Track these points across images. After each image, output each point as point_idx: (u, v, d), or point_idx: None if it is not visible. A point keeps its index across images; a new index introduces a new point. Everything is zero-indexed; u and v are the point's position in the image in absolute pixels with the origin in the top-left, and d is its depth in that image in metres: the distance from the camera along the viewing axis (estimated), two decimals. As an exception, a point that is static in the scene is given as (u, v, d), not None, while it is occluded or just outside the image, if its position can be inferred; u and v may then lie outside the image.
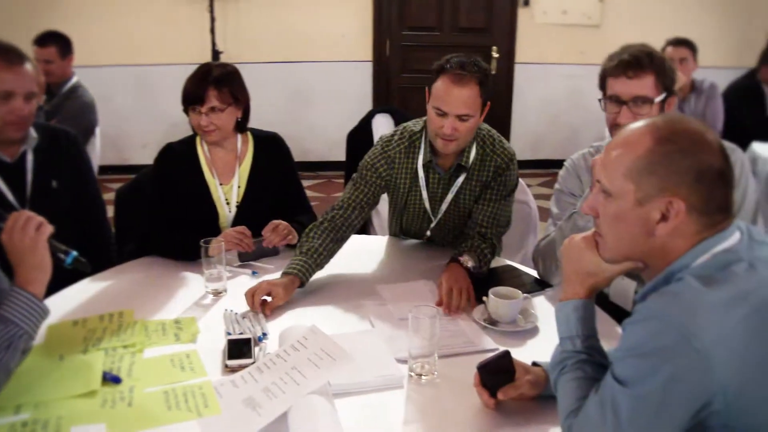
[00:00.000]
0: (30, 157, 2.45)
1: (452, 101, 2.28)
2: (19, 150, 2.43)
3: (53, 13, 6.41)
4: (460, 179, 2.48)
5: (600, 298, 2.35)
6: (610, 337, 1.70)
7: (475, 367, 1.60)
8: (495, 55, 7.08)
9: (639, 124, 1.35)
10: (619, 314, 2.00)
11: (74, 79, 4.51)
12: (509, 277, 2.35)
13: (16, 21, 6.18)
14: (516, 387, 1.56)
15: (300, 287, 2.22)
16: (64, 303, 2.12)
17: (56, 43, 4.42)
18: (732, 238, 1.29)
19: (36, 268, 1.63)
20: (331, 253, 2.37)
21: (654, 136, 1.30)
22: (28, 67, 2.31)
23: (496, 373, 1.56)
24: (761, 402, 1.18)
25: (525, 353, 1.75)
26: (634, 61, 2.13)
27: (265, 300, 2.10)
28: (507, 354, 1.58)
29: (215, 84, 2.48)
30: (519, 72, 7.22)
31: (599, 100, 2.21)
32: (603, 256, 1.44)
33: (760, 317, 1.18)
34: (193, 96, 2.49)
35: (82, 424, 1.54)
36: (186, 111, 2.52)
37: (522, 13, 7.02)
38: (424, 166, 2.49)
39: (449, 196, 2.52)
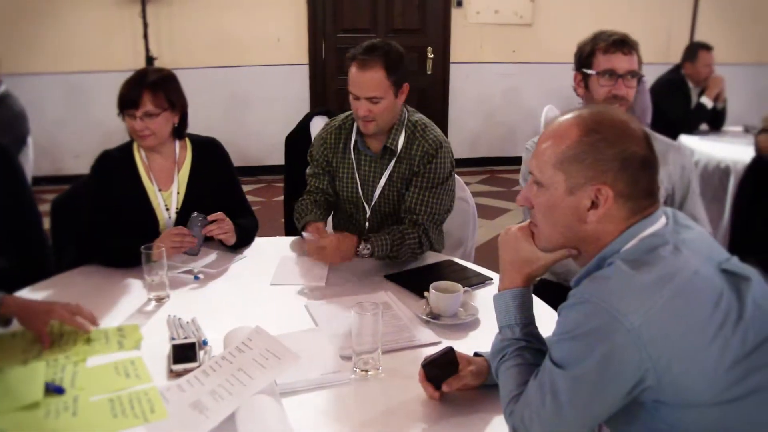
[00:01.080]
0: (-41, 169, 2.40)
1: (360, 85, 2.44)
2: (-51, 162, 2.37)
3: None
4: (391, 164, 2.57)
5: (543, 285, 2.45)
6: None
7: (419, 360, 1.63)
8: (430, 55, 7.17)
9: (567, 116, 1.41)
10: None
11: (2, 88, 4.40)
12: (450, 271, 2.39)
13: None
14: (459, 378, 1.60)
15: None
16: (2, 315, 2.08)
17: None
18: (658, 223, 1.36)
19: None
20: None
21: (580, 127, 1.36)
22: None
23: (440, 367, 1.60)
24: (686, 376, 1.24)
25: (467, 345, 1.80)
26: (627, 40, 2.35)
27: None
28: (450, 350, 1.62)
29: (150, 88, 2.47)
30: (454, 71, 7.32)
31: (582, 77, 2.43)
32: (538, 245, 1.50)
33: (684, 296, 1.25)
34: (127, 100, 2.47)
35: (26, 436, 1.52)
36: (122, 115, 2.51)
37: (455, 14, 7.13)
38: (353, 147, 2.60)
39: (382, 181, 2.59)
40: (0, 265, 1.67)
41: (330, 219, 2.82)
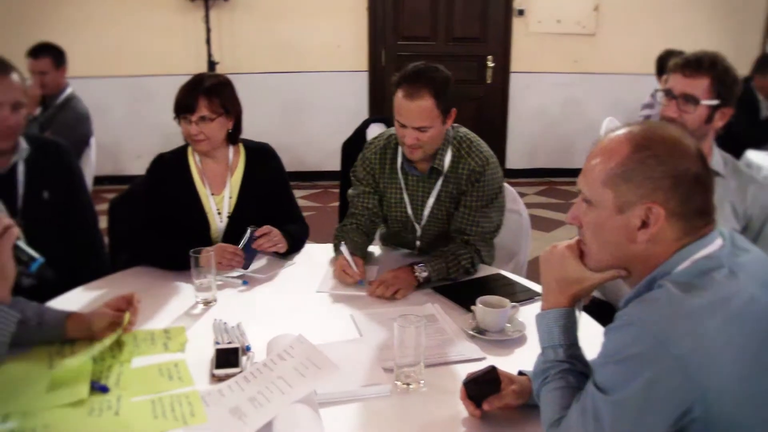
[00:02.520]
0: (21, 168, 2.46)
1: (407, 114, 2.34)
2: (10, 161, 2.43)
3: (48, 25, 6.45)
4: (439, 183, 2.52)
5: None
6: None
7: (462, 376, 1.61)
8: (490, 64, 7.12)
9: (618, 132, 1.36)
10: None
11: (68, 90, 4.53)
12: (498, 286, 2.35)
13: (11, 32, 6.20)
14: (501, 397, 1.56)
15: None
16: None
17: (50, 54, 4.44)
18: (713, 245, 1.31)
19: None
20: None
21: (630, 143, 1.31)
22: (14, 77, 2.31)
23: (482, 385, 1.57)
24: (737, 408, 1.18)
25: (512, 362, 1.77)
26: (694, 61, 2.21)
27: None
28: (493, 369, 1.58)
29: (206, 93, 2.49)
30: (514, 81, 7.25)
31: (655, 92, 2.31)
32: (588, 264, 1.45)
33: (739, 324, 1.19)
34: (183, 105, 2.50)
35: (69, 433, 1.54)
36: (177, 120, 2.54)
37: (516, 23, 7.06)
38: (401, 168, 2.54)
39: (430, 201, 2.54)
40: (50, 277, 1.68)
41: (384, 226, 2.79)
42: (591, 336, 1.56)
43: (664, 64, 5.09)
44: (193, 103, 2.48)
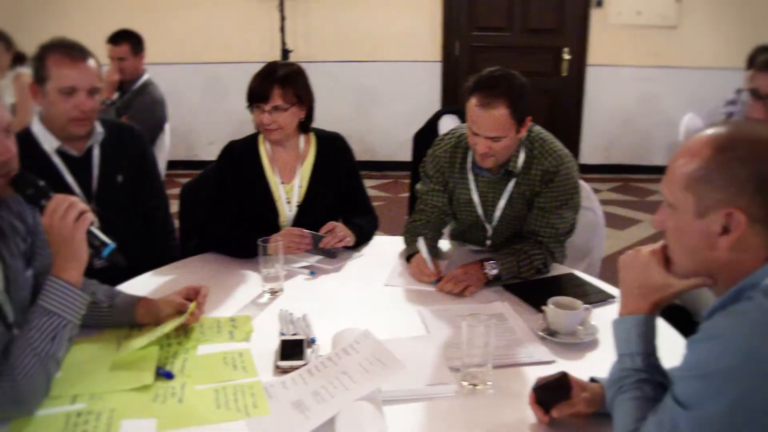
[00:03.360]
0: (96, 152, 2.50)
1: (480, 124, 2.26)
2: (86, 145, 2.48)
3: (126, 11, 6.58)
4: (511, 184, 2.44)
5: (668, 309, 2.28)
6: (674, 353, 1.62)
7: (530, 379, 1.56)
8: (566, 56, 6.95)
9: (703, 133, 1.28)
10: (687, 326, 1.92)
11: (145, 77, 4.61)
12: (571, 286, 2.28)
13: (92, 19, 6.36)
14: (571, 405, 1.50)
15: None
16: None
17: (129, 40, 4.53)
18: None
19: (70, 258, 1.61)
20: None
21: (713, 145, 1.23)
22: (91, 63, 2.36)
23: (552, 391, 1.51)
24: None
25: (583, 366, 1.70)
26: None
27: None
28: (564, 375, 1.52)
29: (280, 83, 2.48)
30: (591, 74, 7.05)
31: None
32: (673, 271, 1.38)
33: None
34: (257, 94, 2.49)
35: (134, 417, 1.55)
36: (250, 108, 2.54)
37: (595, 14, 6.86)
38: (471, 169, 2.48)
39: (502, 202, 2.47)
40: (121, 263, 1.71)
41: (454, 223, 2.74)
42: (667, 343, 1.48)
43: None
44: (267, 92, 2.47)
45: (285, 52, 6.64)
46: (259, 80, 2.51)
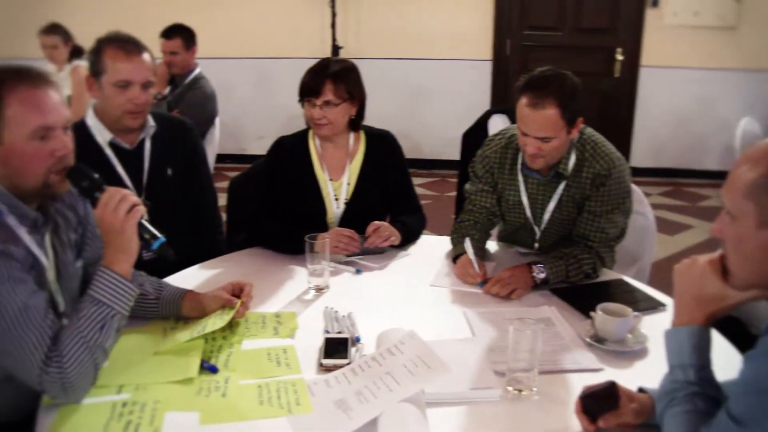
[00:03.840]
0: (148, 145, 2.53)
1: (530, 124, 2.22)
2: (138, 138, 2.51)
3: (179, 6, 6.67)
4: (561, 187, 2.40)
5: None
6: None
7: (577, 387, 1.53)
8: (619, 57, 6.83)
9: (766, 140, 1.24)
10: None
11: (197, 71, 4.66)
12: (620, 292, 2.23)
13: (147, 14, 6.45)
14: (618, 415, 1.47)
15: None
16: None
17: (181, 35, 4.58)
18: None
19: (121, 249, 1.64)
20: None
21: None
22: (146, 57, 2.39)
23: (599, 401, 1.48)
24: None
25: (632, 375, 1.66)
26: None
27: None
28: (612, 384, 1.49)
29: (332, 78, 2.48)
30: (644, 75, 6.91)
31: None
32: (731, 282, 1.34)
33: None
34: (309, 88, 2.49)
35: (177, 410, 1.56)
36: (302, 103, 2.54)
37: (650, 14, 6.72)
38: (521, 170, 2.44)
39: (551, 205, 2.43)
40: (170, 256, 1.73)
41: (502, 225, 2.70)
42: (720, 356, 1.44)
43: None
44: (319, 87, 2.47)
45: (335, 49, 6.66)
46: (312, 75, 2.51)
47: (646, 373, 1.66)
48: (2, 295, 1.51)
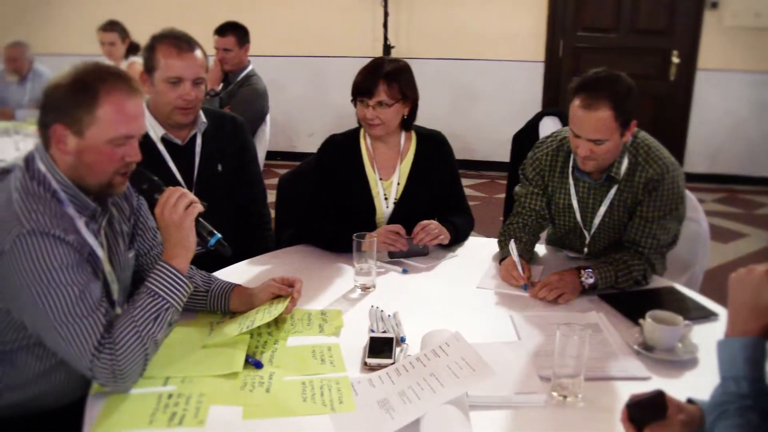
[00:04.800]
0: (199, 141, 2.57)
1: (582, 126, 2.19)
2: (190, 133, 2.55)
3: (234, 4, 6.75)
4: (612, 191, 2.36)
5: None
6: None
7: (623, 395, 1.51)
8: (675, 60, 6.70)
9: None
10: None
11: (249, 68, 4.70)
12: (670, 300, 2.19)
13: (201, 11, 6.55)
14: (666, 425, 1.43)
15: None
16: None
17: (235, 32, 4.63)
18: None
19: (180, 244, 1.71)
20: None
21: None
22: (198, 54, 2.43)
23: (646, 410, 1.45)
24: None
25: (680, 386, 1.63)
26: None
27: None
28: (660, 394, 1.46)
29: (386, 78, 2.47)
30: (700, 79, 6.77)
31: None
32: None
33: None
34: (362, 88, 2.49)
35: (221, 404, 1.58)
36: (354, 102, 2.54)
37: (708, 16, 6.57)
38: (572, 173, 2.41)
39: (602, 209, 2.40)
40: (226, 252, 1.77)
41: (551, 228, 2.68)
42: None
43: None
44: (373, 87, 2.47)
45: (387, 48, 6.67)
46: (366, 74, 2.51)
47: (696, 384, 1.63)
48: (61, 281, 1.56)
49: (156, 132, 2.49)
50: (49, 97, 1.66)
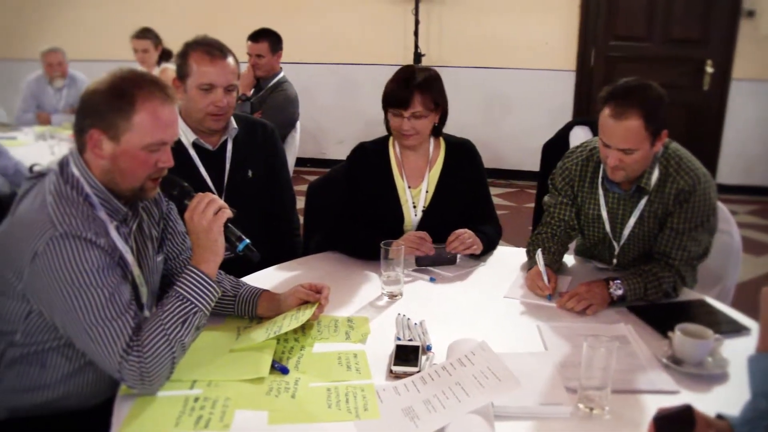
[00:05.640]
0: (230, 147, 2.59)
1: (612, 135, 2.17)
2: (221, 139, 2.57)
3: (266, 11, 6.81)
4: (642, 202, 2.34)
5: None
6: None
7: (651, 408, 1.49)
8: (709, 69, 6.62)
9: None
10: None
11: (281, 74, 4.74)
12: (701, 313, 2.16)
13: (233, 19, 6.62)
14: (695, 441, 1.42)
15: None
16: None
17: (268, 39, 4.67)
18: None
19: (208, 249, 1.72)
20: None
21: None
22: (230, 61, 2.46)
23: (675, 424, 1.43)
24: None
25: (710, 401, 1.61)
26: None
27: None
28: (688, 408, 1.44)
29: (420, 89, 2.46)
30: (735, 89, 6.67)
31: None
32: None
33: None
34: (397, 99, 2.48)
35: (247, 408, 1.59)
36: (385, 111, 2.54)
37: (745, 25, 6.47)
38: (602, 184, 2.40)
39: (631, 220, 2.38)
40: (254, 258, 1.79)
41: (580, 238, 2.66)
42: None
43: None
44: (408, 98, 2.46)
45: (417, 56, 6.68)
46: (399, 85, 2.49)
47: (726, 399, 1.61)
48: (92, 283, 1.58)
49: (187, 137, 2.51)
50: (86, 103, 1.69)
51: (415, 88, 2.46)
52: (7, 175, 4.20)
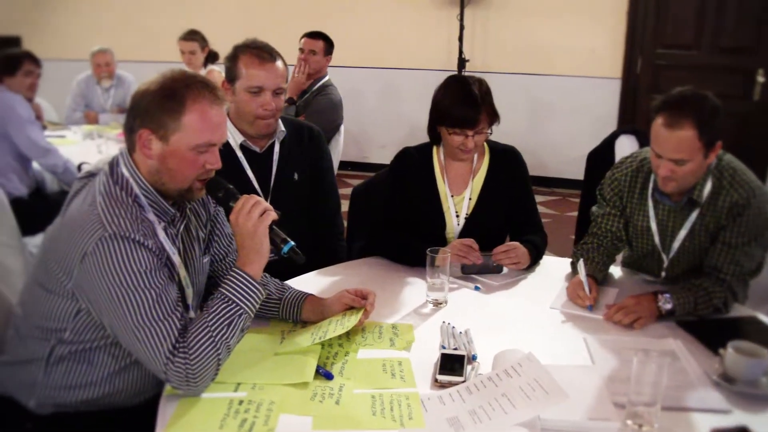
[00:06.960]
0: (277, 149, 2.61)
1: (665, 145, 2.13)
2: (268, 142, 2.59)
3: (313, 16, 6.85)
4: (694, 214, 2.29)
5: None
6: None
7: (701, 428, 1.48)
8: (760, 79, 6.46)
9: None
10: None
11: (326, 78, 4.75)
12: (753, 330, 2.11)
13: (280, 23, 6.66)
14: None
15: None
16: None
17: (324, 39, 4.70)
18: None
19: (254, 251, 1.73)
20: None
21: None
22: (279, 64, 2.47)
23: None
24: None
25: (763, 422, 1.57)
26: None
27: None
28: (744, 430, 1.40)
29: (484, 106, 2.44)
30: (787, 99, 6.52)
31: None
32: None
33: None
34: (465, 120, 2.43)
35: (291, 413, 1.59)
36: (438, 125, 2.52)
37: (796, 34, 6.33)
38: (652, 196, 2.35)
39: (682, 233, 2.33)
40: (299, 260, 1.79)
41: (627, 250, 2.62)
42: None
43: None
44: (477, 118, 2.43)
45: (462, 62, 6.64)
46: (465, 105, 2.43)
47: (781, 420, 1.57)
48: (139, 284, 1.60)
49: (235, 139, 2.53)
50: (137, 103, 1.71)
51: (481, 106, 2.43)
52: (56, 173, 4.28)
